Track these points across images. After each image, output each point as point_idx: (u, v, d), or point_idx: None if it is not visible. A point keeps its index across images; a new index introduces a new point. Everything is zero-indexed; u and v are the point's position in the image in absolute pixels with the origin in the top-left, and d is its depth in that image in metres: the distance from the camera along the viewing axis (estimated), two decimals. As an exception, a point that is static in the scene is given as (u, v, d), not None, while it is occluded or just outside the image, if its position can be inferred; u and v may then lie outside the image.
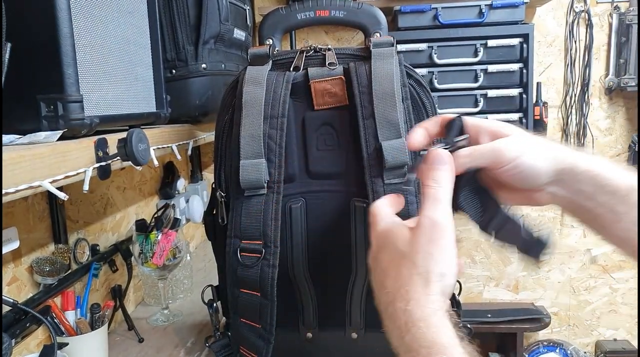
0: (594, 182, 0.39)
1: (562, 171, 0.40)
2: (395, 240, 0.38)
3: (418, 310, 0.34)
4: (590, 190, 0.39)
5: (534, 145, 0.41)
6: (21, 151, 0.40)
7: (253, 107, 0.58)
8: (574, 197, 0.40)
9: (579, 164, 0.40)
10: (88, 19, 0.52)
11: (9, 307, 0.66)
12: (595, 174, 0.39)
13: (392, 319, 0.36)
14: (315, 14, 0.65)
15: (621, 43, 1.67)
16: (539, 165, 0.40)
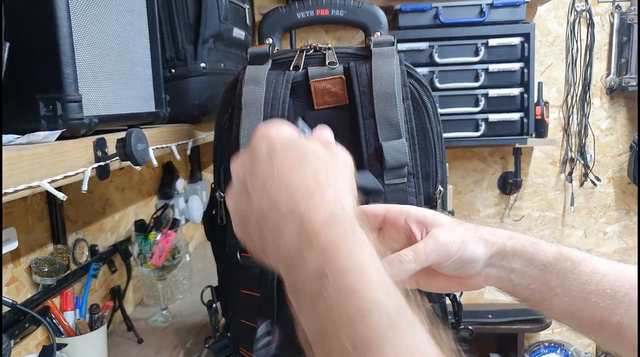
0: (522, 259, 0.39)
1: (493, 254, 0.40)
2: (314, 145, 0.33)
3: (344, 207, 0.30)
4: (521, 267, 0.40)
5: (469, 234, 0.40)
6: (20, 151, 0.40)
7: (253, 107, 0.57)
8: (507, 276, 0.40)
9: (506, 243, 0.40)
10: (87, 18, 0.52)
11: (8, 308, 0.66)
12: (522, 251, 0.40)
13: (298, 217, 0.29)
14: (315, 13, 0.65)
15: (622, 42, 1.67)
16: (478, 252, 0.40)
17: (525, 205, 1.83)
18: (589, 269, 0.38)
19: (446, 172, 0.64)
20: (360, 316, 0.25)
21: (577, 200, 1.80)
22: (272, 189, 0.31)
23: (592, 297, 0.37)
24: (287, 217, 0.30)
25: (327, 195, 0.30)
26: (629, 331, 0.36)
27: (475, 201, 1.83)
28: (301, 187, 0.31)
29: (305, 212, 0.29)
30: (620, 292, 0.36)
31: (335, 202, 0.30)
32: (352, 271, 0.27)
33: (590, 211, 1.82)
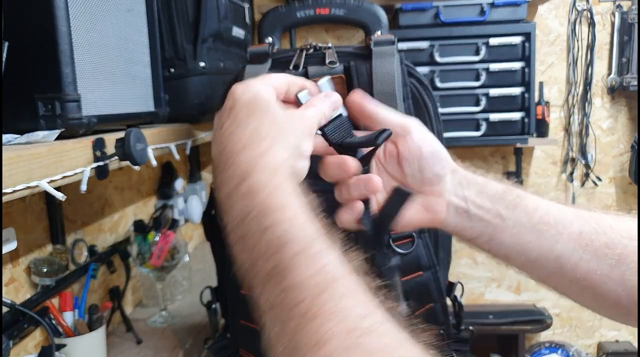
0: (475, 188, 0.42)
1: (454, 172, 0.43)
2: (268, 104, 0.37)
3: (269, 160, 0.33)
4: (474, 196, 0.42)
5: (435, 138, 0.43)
6: (19, 151, 0.39)
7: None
8: (465, 205, 0.42)
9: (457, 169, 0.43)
10: (86, 18, 0.51)
11: (6, 309, 0.66)
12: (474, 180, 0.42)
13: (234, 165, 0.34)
14: (315, 12, 0.64)
15: (624, 42, 1.66)
16: (442, 150, 0.42)
17: (526, 205, 1.82)
18: (535, 204, 0.41)
19: (447, 172, 0.64)
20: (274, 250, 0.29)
21: (578, 200, 1.80)
22: (219, 141, 0.36)
23: (539, 226, 0.40)
24: (225, 165, 0.34)
25: (259, 149, 0.34)
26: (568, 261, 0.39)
27: (476, 200, 1.83)
28: (240, 140, 0.35)
29: (237, 162, 0.34)
30: (561, 225, 0.39)
31: (265, 153, 0.34)
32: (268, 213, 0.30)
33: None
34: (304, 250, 0.28)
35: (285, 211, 0.30)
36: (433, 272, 0.58)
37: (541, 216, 0.40)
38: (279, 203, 0.31)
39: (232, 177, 0.33)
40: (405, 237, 0.58)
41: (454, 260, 2.05)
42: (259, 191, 0.31)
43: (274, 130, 0.35)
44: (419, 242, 0.58)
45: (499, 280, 1.87)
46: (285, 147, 0.35)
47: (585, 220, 0.39)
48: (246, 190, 0.32)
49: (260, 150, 0.34)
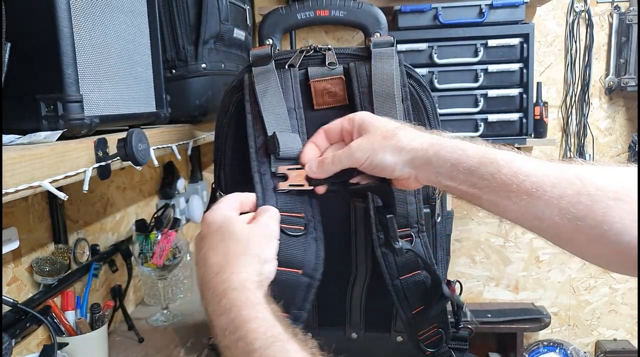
0: (447, 165, 0.43)
1: (411, 160, 0.45)
2: (233, 227, 0.45)
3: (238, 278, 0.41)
4: (447, 171, 0.43)
5: (383, 145, 0.46)
6: (21, 151, 0.40)
7: (270, 92, 0.57)
8: (435, 179, 0.44)
9: (427, 150, 0.44)
10: (88, 19, 0.52)
11: (9, 307, 0.66)
12: (446, 158, 0.43)
13: (212, 287, 0.42)
14: (315, 14, 0.65)
15: (621, 43, 1.67)
16: (387, 159, 0.45)
17: (525, 205, 1.83)
18: (512, 171, 0.41)
19: (445, 172, 0.65)
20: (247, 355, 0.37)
21: (576, 200, 1.80)
22: (200, 265, 0.44)
23: (512, 196, 0.40)
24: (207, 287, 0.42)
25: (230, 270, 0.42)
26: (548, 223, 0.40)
27: (475, 200, 1.83)
28: (214, 265, 0.43)
29: (215, 285, 0.42)
30: (541, 190, 0.39)
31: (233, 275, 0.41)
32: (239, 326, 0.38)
33: (590, 211, 1.83)
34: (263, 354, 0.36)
35: (251, 324, 0.37)
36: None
37: (518, 184, 0.40)
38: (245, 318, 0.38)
39: (212, 298, 0.41)
40: (404, 236, 0.58)
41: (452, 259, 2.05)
42: (231, 309, 0.39)
43: (240, 250, 0.43)
44: (417, 241, 0.58)
45: (497, 279, 1.88)
46: (250, 262, 0.43)
47: (570, 182, 0.39)
48: (222, 309, 0.40)
49: (231, 271, 0.42)
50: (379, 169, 0.46)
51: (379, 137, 0.46)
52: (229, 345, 0.38)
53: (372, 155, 0.46)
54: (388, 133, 0.46)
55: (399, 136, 0.45)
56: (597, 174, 0.39)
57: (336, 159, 0.48)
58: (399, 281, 0.57)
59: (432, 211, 0.62)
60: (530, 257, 1.85)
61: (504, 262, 1.87)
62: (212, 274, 0.42)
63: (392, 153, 0.45)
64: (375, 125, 0.47)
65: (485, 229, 1.84)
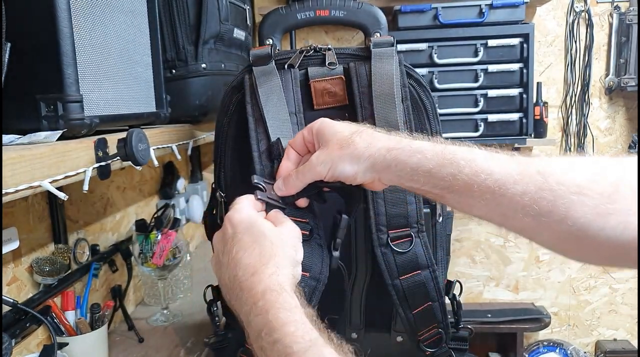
0: (407, 168, 0.43)
1: (371, 166, 0.45)
2: (263, 228, 0.45)
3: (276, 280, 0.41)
4: (408, 175, 0.43)
5: (341, 155, 0.46)
6: (21, 151, 0.40)
7: (273, 96, 0.57)
8: (398, 181, 0.45)
9: (385, 155, 0.44)
10: (88, 19, 0.52)
11: (9, 307, 0.66)
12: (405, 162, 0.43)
13: (248, 288, 0.41)
14: (315, 14, 0.65)
15: (621, 43, 1.67)
16: (347, 169, 0.45)
17: (525, 205, 1.83)
18: (473, 170, 0.40)
19: (445, 172, 0.65)
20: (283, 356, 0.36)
21: (576, 200, 1.80)
22: (231, 266, 0.43)
23: (475, 195, 0.40)
24: (241, 288, 0.42)
25: (267, 271, 0.41)
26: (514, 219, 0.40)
27: (475, 200, 1.84)
28: (249, 265, 0.42)
29: (250, 286, 0.41)
30: (503, 187, 0.39)
31: (271, 277, 0.41)
32: (277, 328, 0.37)
33: (590, 211, 1.83)
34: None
35: (289, 327, 0.37)
36: (431, 271, 0.59)
37: (481, 182, 0.40)
38: (283, 320, 0.38)
39: (248, 299, 0.40)
40: (403, 236, 0.58)
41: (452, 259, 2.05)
42: (268, 311, 0.38)
43: (274, 251, 0.43)
44: (416, 241, 0.58)
45: (497, 279, 1.88)
46: (285, 265, 0.43)
47: (532, 178, 0.39)
48: (259, 310, 0.39)
49: (268, 273, 0.41)
50: (342, 178, 0.47)
51: (336, 147, 0.46)
52: (265, 347, 0.37)
53: (332, 167, 0.46)
54: (344, 141, 0.46)
55: (355, 143, 0.45)
56: (560, 168, 0.39)
57: (299, 175, 0.49)
58: (399, 281, 0.57)
59: (432, 211, 0.62)
60: (530, 257, 1.85)
61: (504, 262, 1.87)
62: (247, 274, 0.42)
63: (351, 162, 0.45)
64: (331, 134, 0.47)
65: (485, 229, 1.84)
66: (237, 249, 0.43)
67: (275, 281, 0.41)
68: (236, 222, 0.45)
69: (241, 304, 0.41)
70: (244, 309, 0.41)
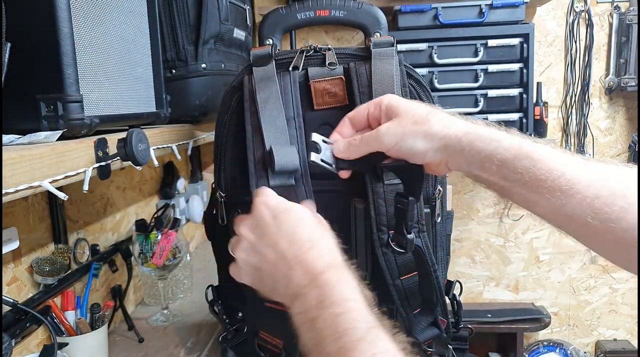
0: (481, 155, 0.42)
1: (444, 147, 0.44)
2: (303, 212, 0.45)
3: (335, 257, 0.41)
4: (479, 162, 0.42)
5: (414, 130, 0.44)
6: (21, 151, 0.40)
7: (271, 103, 0.57)
8: (467, 168, 0.44)
9: (461, 138, 0.43)
10: (88, 18, 0.52)
11: (9, 307, 0.66)
12: (480, 148, 0.42)
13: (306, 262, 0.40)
14: (315, 14, 0.65)
15: (621, 43, 1.67)
16: (418, 146, 0.44)
17: (525, 205, 1.83)
18: (547, 166, 0.40)
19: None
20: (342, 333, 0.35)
21: (576, 200, 1.80)
22: (280, 244, 0.42)
23: (545, 192, 0.40)
24: (294, 263, 0.41)
25: (323, 246, 0.41)
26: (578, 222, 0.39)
27: (475, 200, 1.84)
28: (304, 239, 0.41)
29: (309, 260, 0.40)
30: (574, 189, 0.39)
31: (329, 252, 0.41)
32: (340, 303, 0.37)
33: (590, 211, 1.83)
34: (364, 337, 0.35)
35: (353, 303, 0.37)
36: (432, 271, 0.59)
37: (553, 180, 0.39)
38: (348, 296, 0.38)
39: (305, 273, 0.40)
40: (404, 236, 0.58)
41: (452, 259, 2.05)
42: (333, 284, 0.38)
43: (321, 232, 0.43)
44: (417, 241, 0.58)
45: (497, 279, 1.88)
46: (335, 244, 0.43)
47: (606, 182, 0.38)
48: (321, 283, 0.39)
49: (327, 248, 0.41)
50: (408, 154, 0.45)
51: (409, 122, 0.44)
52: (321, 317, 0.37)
53: (401, 141, 0.44)
54: (419, 118, 0.44)
55: (431, 122, 0.44)
56: (633, 176, 0.39)
57: (364, 141, 0.47)
58: (400, 281, 0.57)
59: (432, 211, 0.62)
60: (530, 257, 1.85)
61: (504, 262, 1.87)
62: (304, 249, 0.41)
63: (424, 139, 0.44)
64: (405, 109, 0.46)
65: (485, 229, 1.85)
66: (287, 227, 0.42)
67: (337, 256, 0.41)
68: (274, 205, 0.44)
69: (292, 279, 0.40)
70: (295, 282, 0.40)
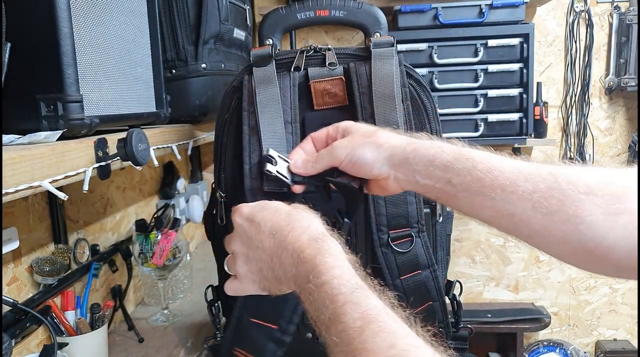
0: (424, 161, 0.44)
1: (392, 157, 0.46)
2: (276, 203, 0.46)
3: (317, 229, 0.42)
4: (424, 168, 0.44)
5: (363, 142, 0.48)
6: (21, 151, 0.40)
7: (270, 106, 0.57)
8: (413, 178, 0.45)
9: (405, 147, 0.46)
10: (88, 19, 0.52)
11: (9, 307, 0.66)
12: (424, 154, 0.44)
13: (291, 243, 0.42)
14: (315, 14, 0.65)
15: (621, 43, 1.67)
16: (366, 155, 0.47)
17: (525, 205, 1.83)
18: (487, 167, 0.42)
19: (445, 172, 0.65)
20: (331, 300, 0.37)
21: (576, 200, 1.80)
22: (266, 241, 0.44)
23: (487, 192, 0.41)
24: (281, 249, 0.42)
25: (301, 225, 0.42)
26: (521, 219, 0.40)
27: (475, 200, 1.84)
28: (283, 225, 0.43)
29: (291, 241, 0.42)
30: (514, 185, 0.40)
31: (308, 228, 0.42)
32: (324, 272, 0.38)
33: (590, 211, 1.83)
34: (349, 300, 0.36)
35: (335, 270, 0.38)
36: (432, 270, 0.59)
37: (492, 179, 0.41)
38: (331, 264, 0.39)
39: (293, 253, 0.41)
40: (404, 236, 0.58)
41: (452, 259, 2.05)
42: (315, 256, 0.40)
43: (299, 212, 0.44)
44: (417, 241, 0.58)
45: (497, 279, 1.88)
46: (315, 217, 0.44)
47: (543, 177, 0.39)
48: (306, 257, 0.40)
49: (307, 224, 0.43)
50: (358, 165, 0.48)
51: (359, 136, 0.49)
52: (312, 290, 0.38)
53: (352, 152, 0.48)
54: (367, 132, 0.49)
55: (378, 134, 0.48)
56: (572, 171, 0.40)
57: (319, 156, 0.51)
58: (400, 281, 0.57)
59: (432, 211, 0.62)
60: (530, 257, 1.85)
61: (504, 262, 1.87)
62: (285, 232, 0.43)
63: (371, 149, 0.47)
64: (357, 128, 0.50)
65: (485, 229, 1.84)
66: (265, 221, 0.44)
67: (316, 230, 0.42)
68: (247, 212, 0.46)
69: (285, 263, 0.42)
70: (288, 264, 0.41)
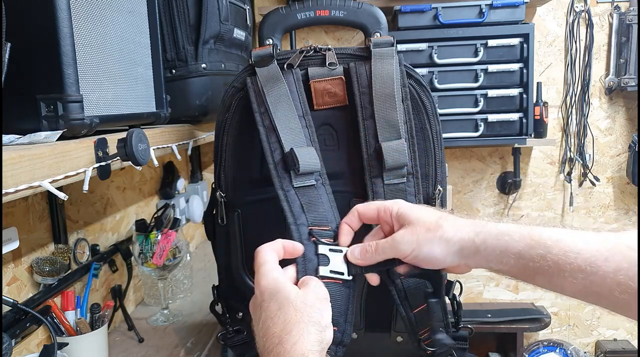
0: (496, 252, 0.43)
1: (462, 250, 0.45)
2: (288, 293, 0.44)
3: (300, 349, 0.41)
4: (497, 258, 0.43)
5: (429, 238, 0.46)
6: (21, 151, 0.40)
7: (284, 103, 0.57)
8: (487, 265, 0.45)
9: (474, 239, 0.44)
10: (88, 19, 0.52)
11: (9, 307, 0.66)
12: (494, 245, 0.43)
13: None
14: (315, 14, 0.65)
15: (621, 43, 1.67)
16: (435, 253, 0.46)
17: (524, 205, 1.83)
18: (561, 250, 0.41)
19: (445, 172, 0.65)
20: None
21: (576, 200, 1.81)
22: (260, 335, 0.44)
23: (566, 275, 0.40)
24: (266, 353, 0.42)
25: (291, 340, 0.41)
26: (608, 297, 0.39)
27: (475, 200, 1.84)
28: (274, 335, 0.42)
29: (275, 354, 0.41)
30: (593, 267, 0.39)
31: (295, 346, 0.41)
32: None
33: (589, 211, 1.83)
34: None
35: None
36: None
37: (571, 262, 0.40)
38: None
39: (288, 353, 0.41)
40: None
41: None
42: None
43: (299, 318, 0.43)
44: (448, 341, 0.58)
45: (497, 279, 1.88)
46: (311, 331, 0.42)
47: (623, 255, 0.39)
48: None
49: (293, 342, 0.41)
50: (426, 261, 0.46)
51: (423, 230, 0.46)
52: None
53: (418, 249, 0.46)
54: (431, 225, 0.46)
55: (444, 228, 0.46)
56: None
57: (379, 249, 0.49)
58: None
59: (432, 211, 0.62)
60: (530, 257, 1.85)
61: (504, 262, 1.87)
62: (272, 344, 0.42)
63: (439, 245, 0.45)
64: (416, 216, 0.47)
65: (485, 229, 1.84)
66: (264, 318, 0.44)
67: (300, 351, 0.41)
68: (263, 289, 0.45)
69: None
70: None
